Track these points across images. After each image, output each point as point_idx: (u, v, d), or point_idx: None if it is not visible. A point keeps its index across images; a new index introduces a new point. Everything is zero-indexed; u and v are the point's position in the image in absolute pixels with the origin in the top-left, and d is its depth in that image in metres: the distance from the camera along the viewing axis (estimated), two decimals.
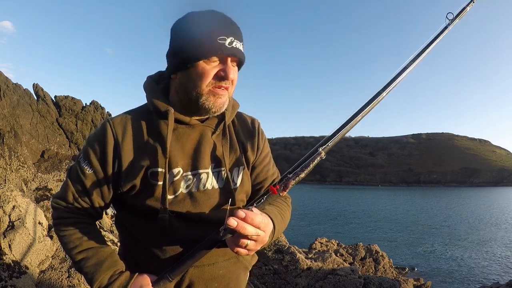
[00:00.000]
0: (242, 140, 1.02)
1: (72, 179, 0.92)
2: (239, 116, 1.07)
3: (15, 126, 15.06)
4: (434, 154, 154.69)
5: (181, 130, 0.92)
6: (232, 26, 0.86)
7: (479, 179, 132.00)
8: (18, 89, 23.60)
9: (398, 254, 12.47)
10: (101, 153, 0.89)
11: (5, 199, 3.22)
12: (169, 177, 0.88)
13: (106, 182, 0.90)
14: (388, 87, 0.95)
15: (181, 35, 0.87)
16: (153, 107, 0.92)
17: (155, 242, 0.91)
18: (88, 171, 0.90)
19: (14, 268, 2.72)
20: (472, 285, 9.05)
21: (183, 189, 0.90)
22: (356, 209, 31.69)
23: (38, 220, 3.43)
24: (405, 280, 6.51)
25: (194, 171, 0.91)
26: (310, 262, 4.77)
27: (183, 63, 0.86)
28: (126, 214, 0.96)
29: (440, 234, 17.49)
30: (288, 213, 1.01)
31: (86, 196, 0.91)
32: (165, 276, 0.83)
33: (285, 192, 0.78)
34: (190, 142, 0.93)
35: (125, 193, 0.90)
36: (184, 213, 0.89)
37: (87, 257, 0.89)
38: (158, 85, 0.97)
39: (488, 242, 15.40)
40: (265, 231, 0.77)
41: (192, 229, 0.90)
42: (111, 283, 0.85)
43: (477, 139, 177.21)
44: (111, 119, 0.93)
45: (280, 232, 0.92)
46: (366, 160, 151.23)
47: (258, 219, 0.74)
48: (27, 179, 6.76)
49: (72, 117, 25.83)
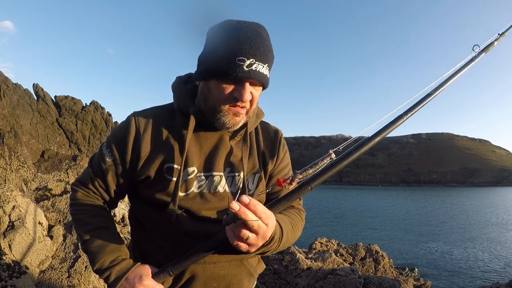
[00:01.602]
0: (262, 148, 1.02)
1: (93, 165, 0.97)
2: (263, 126, 1.07)
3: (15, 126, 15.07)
4: (434, 154, 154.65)
5: (201, 132, 0.94)
6: (257, 46, 0.81)
7: (479, 179, 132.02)
8: (18, 89, 23.59)
9: (398, 254, 12.47)
10: (122, 142, 0.92)
11: (5, 199, 3.22)
12: (183, 175, 0.90)
13: (124, 171, 0.93)
14: (409, 112, 0.92)
15: (209, 44, 0.88)
16: (177, 106, 0.95)
17: (162, 234, 0.93)
18: (108, 159, 0.93)
19: (14, 268, 2.72)
20: (472, 285, 9.05)
21: (195, 188, 0.92)
22: (356, 209, 31.68)
23: (38, 220, 3.43)
24: (405, 280, 6.51)
25: (208, 172, 0.93)
26: (310, 262, 4.77)
27: (204, 74, 0.88)
28: (139, 204, 0.98)
29: (440, 234, 17.49)
30: (300, 226, 0.99)
31: (104, 183, 0.95)
32: (166, 270, 0.83)
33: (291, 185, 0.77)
34: (208, 144, 0.94)
35: (140, 183, 0.93)
36: (193, 210, 0.91)
37: (94, 238, 0.90)
38: (186, 86, 0.99)
39: (488, 242, 15.40)
40: (267, 224, 0.73)
41: (199, 227, 0.91)
42: (112, 267, 0.86)
43: (477, 139, 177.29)
44: (137, 112, 0.97)
45: (290, 242, 0.90)
46: (366, 160, 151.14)
47: (261, 208, 0.71)
48: (27, 179, 6.76)
49: (72, 117, 25.81)
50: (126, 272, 0.85)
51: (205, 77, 0.87)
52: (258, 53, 0.81)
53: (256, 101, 0.90)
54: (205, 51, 0.89)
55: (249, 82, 0.84)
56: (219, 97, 0.86)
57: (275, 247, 0.82)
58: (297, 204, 1.06)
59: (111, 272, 0.86)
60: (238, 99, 0.84)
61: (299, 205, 1.06)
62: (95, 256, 0.88)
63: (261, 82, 0.86)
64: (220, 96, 0.85)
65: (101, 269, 0.87)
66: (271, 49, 0.86)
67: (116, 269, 0.86)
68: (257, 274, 1.05)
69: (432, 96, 0.97)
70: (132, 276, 0.84)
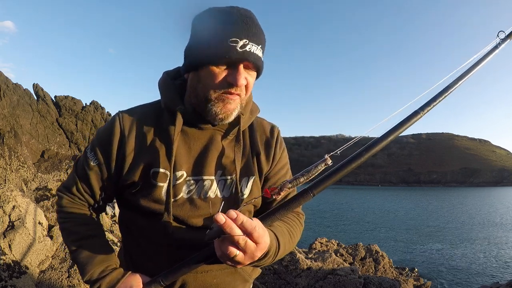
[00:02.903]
0: (257, 147, 0.94)
1: (78, 169, 0.92)
2: (258, 122, 0.99)
3: (15, 126, 15.06)
4: (434, 154, 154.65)
5: (189, 131, 0.87)
6: (249, 27, 0.76)
7: (479, 179, 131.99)
8: (18, 89, 23.59)
9: (398, 254, 12.47)
10: (107, 145, 0.87)
11: (5, 199, 3.22)
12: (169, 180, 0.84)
13: (109, 175, 0.89)
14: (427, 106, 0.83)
15: (194, 33, 0.83)
16: (164, 104, 0.89)
17: (150, 242, 0.90)
18: (92, 163, 0.88)
19: (14, 268, 2.72)
20: (472, 285, 9.04)
21: (184, 194, 0.86)
22: (356, 209, 31.67)
23: (38, 220, 3.43)
24: (405, 280, 6.51)
25: (198, 176, 0.87)
26: (310, 262, 4.77)
27: (193, 64, 0.82)
28: (127, 210, 0.94)
29: (440, 234, 17.49)
30: (298, 232, 0.93)
31: (89, 188, 0.91)
32: (158, 280, 0.80)
33: (279, 196, 0.71)
34: (198, 145, 0.88)
35: (126, 188, 0.88)
36: (182, 217, 0.86)
37: (82, 248, 0.87)
38: (175, 81, 0.92)
39: (489, 242, 15.40)
40: (258, 243, 0.65)
41: (189, 234, 0.87)
42: (101, 278, 0.84)
43: (477, 139, 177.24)
44: (122, 112, 0.91)
45: (287, 251, 0.84)
46: (366, 160, 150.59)
47: (250, 224, 0.63)
48: (27, 179, 6.76)
49: (72, 117, 25.82)
50: (116, 283, 0.83)
51: (194, 67, 0.81)
52: (251, 33, 0.76)
53: (250, 88, 0.83)
54: (192, 40, 0.83)
55: (243, 65, 0.78)
56: (210, 85, 0.79)
57: (271, 261, 0.76)
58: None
59: (101, 284, 0.83)
60: (232, 84, 0.78)
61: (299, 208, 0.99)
62: (84, 267, 0.85)
63: (256, 64, 0.79)
64: (212, 83, 0.78)
65: (91, 281, 0.84)
66: (263, 31, 0.81)
67: (106, 281, 0.83)
68: (252, 279, 1.00)
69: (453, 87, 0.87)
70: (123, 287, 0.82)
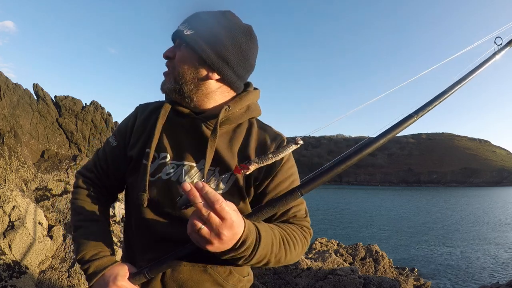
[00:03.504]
0: (247, 150, 0.91)
1: (99, 151, 1.03)
2: (262, 127, 0.97)
3: (15, 126, 15.06)
4: (434, 154, 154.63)
5: (177, 119, 0.95)
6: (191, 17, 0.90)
7: (479, 179, 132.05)
8: (18, 89, 23.58)
9: (398, 254, 12.46)
10: (123, 128, 1.00)
11: (5, 199, 3.22)
12: (156, 159, 0.91)
13: (124, 156, 0.97)
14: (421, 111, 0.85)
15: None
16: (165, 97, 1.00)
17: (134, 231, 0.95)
18: (112, 144, 1.00)
19: (14, 268, 2.72)
20: (472, 285, 9.04)
21: (162, 175, 0.90)
22: (356, 209, 31.66)
23: (38, 220, 3.43)
24: (405, 280, 6.50)
25: (180, 161, 0.91)
26: (310, 262, 4.77)
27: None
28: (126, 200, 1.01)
29: (440, 234, 17.48)
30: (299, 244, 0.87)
31: (106, 166, 0.99)
32: (143, 272, 0.83)
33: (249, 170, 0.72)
34: (182, 132, 0.94)
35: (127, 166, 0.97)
36: (156, 198, 0.89)
37: (83, 228, 0.93)
38: None
39: (488, 242, 15.40)
40: (223, 218, 0.64)
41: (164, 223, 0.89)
42: (92, 261, 0.87)
43: (477, 139, 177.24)
44: (141, 104, 1.04)
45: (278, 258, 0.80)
46: (366, 160, 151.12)
47: (214, 195, 0.64)
48: (27, 179, 6.76)
49: (72, 117, 25.81)
50: (104, 269, 0.86)
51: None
52: (188, 20, 0.90)
53: (178, 61, 0.90)
54: None
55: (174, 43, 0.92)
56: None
57: (248, 254, 0.72)
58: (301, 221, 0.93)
59: (90, 266, 0.87)
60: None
61: (305, 221, 0.93)
62: (79, 247, 0.90)
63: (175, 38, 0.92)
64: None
65: (82, 260, 0.88)
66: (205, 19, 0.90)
67: (95, 264, 0.87)
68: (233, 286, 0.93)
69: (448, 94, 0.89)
70: (109, 274, 0.85)
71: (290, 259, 0.85)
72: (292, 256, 0.85)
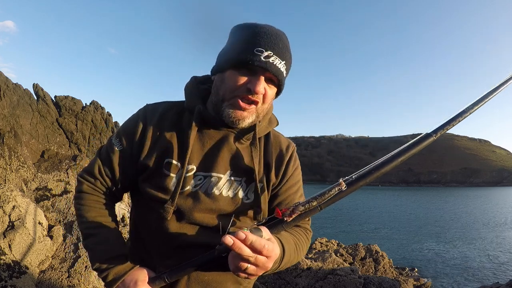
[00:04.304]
0: (268, 159, 0.96)
1: (101, 154, 0.97)
2: (276, 135, 1.02)
3: (15, 126, 15.05)
4: (434, 154, 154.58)
5: (205, 129, 0.92)
6: (276, 42, 0.82)
7: (479, 179, 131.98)
8: (18, 89, 23.54)
9: (398, 254, 12.46)
10: (131, 132, 0.93)
11: (5, 199, 3.22)
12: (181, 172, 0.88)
13: (130, 161, 0.93)
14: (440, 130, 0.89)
15: (228, 40, 0.90)
16: (186, 104, 0.95)
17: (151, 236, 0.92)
18: (116, 148, 0.94)
19: (14, 268, 2.72)
20: (472, 285, 9.04)
21: (190, 187, 0.89)
22: (356, 209, 31.66)
23: (38, 220, 3.43)
24: (405, 280, 6.50)
25: (207, 172, 0.90)
26: (310, 262, 4.77)
27: (220, 66, 0.88)
28: (137, 202, 0.98)
29: (440, 234, 17.48)
30: (304, 246, 0.95)
31: (111, 172, 0.94)
32: (163, 277, 0.83)
33: (290, 218, 0.74)
34: (211, 142, 0.92)
35: (140, 173, 0.92)
36: (184, 209, 0.88)
37: (95, 236, 0.90)
38: (202, 86, 0.99)
39: (488, 242, 15.40)
40: (268, 256, 0.69)
41: (187, 230, 0.89)
42: (110, 268, 0.86)
43: (477, 139, 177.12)
44: (149, 105, 0.99)
45: (292, 262, 0.86)
46: (366, 160, 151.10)
47: (260, 243, 0.66)
48: (27, 179, 6.75)
49: (72, 117, 25.78)
50: (123, 275, 0.85)
51: (222, 69, 0.87)
52: (276, 47, 0.82)
53: (268, 100, 0.88)
54: (226, 46, 0.90)
55: (264, 76, 0.83)
56: (231, 87, 0.84)
57: (274, 269, 0.78)
58: (305, 223, 0.99)
59: (109, 273, 0.86)
60: (250, 90, 0.82)
61: (307, 224, 1.00)
62: (94, 255, 0.88)
63: (276, 76, 0.84)
64: (233, 86, 0.84)
65: (99, 269, 0.87)
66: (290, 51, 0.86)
67: (114, 271, 0.86)
68: (248, 283, 1.00)
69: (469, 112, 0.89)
70: (129, 280, 0.84)
71: (297, 260, 0.91)
72: (299, 258, 0.91)
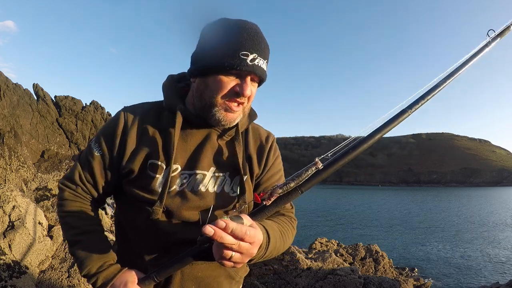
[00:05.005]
0: (250, 151, 0.99)
1: (81, 160, 0.96)
2: (255, 128, 1.05)
3: (15, 126, 15.06)
4: (434, 154, 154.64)
5: (187, 129, 0.92)
6: (259, 42, 0.83)
7: (479, 179, 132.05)
8: (18, 89, 23.58)
9: (398, 254, 12.46)
10: (110, 136, 0.92)
11: (5, 199, 3.22)
12: (166, 172, 0.89)
13: (111, 165, 0.92)
14: (416, 104, 0.88)
15: (206, 41, 0.88)
16: (165, 103, 0.95)
17: (141, 237, 0.93)
18: (96, 153, 0.93)
19: (14, 268, 2.72)
20: (472, 285, 9.04)
21: (177, 187, 0.90)
22: (356, 209, 31.66)
23: (38, 220, 3.43)
24: (405, 280, 6.50)
25: (191, 170, 0.91)
26: (310, 262, 4.77)
27: (203, 70, 0.86)
28: (122, 204, 0.98)
29: (440, 234, 17.48)
30: (290, 234, 0.95)
31: (92, 178, 0.93)
32: (151, 276, 0.84)
33: (270, 201, 0.75)
34: (194, 142, 0.93)
35: (124, 177, 0.92)
36: (172, 208, 0.89)
37: (81, 242, 0.90)
38: (179, 84, 0.99)
39: (489, 242, 15.40)
40: (252, 242, 0.69)
41: (178, 228, 0.90)
42: (98, 273, 0.87)
43: (477, 139, 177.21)
44: (127, 107, 0.97)
45: (278, 250, 0.86)
46: (366, 160, 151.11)
47: (241, 230, 0.66)
48: (27, 179, 6.76)
49: (72, 117, 25.81)
50: (113, 278, 0.86)
51: (204, 73, 0.86)
52: (259, 48, 0.83)
53: (253, 97, 0.90)
54: (203, 48, 0.88)
55: (250, 78, 0.85)
56: (217, 92, 0.85)
57: (260, 256, 0.78)
58: (289, 212, 1.01)
59: (98, 278, 0.86)
60: (239, 94, 0.84)
61: (291, 213, 1.02)
62: (82, 262, 0.88)
63: (261, 77, 0.87)
64: (219, 91, 0.84)
65: (88, 275, 0.87)
66: (268, 46, 0.88)
67: (102, 275, 0.86)
68: (240, 277, 1.02)
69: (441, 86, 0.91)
70: (118, 283, 0.85)
71: (284, 248, 0.91)
72: (286, 246, 0.91)
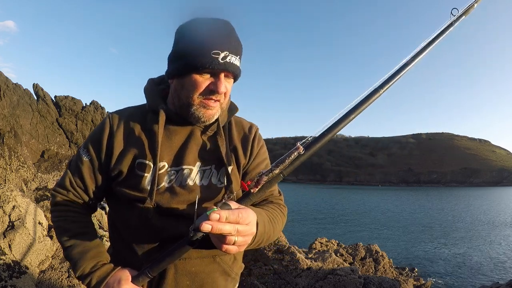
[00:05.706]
0: (235, 142, 1.01)
1: (71, 166, 0.99)
2: (237, 121, 1.07)
3: (15, 126, 15.06)
4: (434, 154, 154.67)
5: (171, 127, 0.95)
6: (229, 39, 0.86)
7: (479, 179, 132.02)
8: (18, 89, 23.60)
9: (398, 254, 12.47)
10: (97, 141, 0.95)
11: (5, 199, 3.22)
12: (154, 170, 0.91)
13: (100, 169, 0.96)
14: (386, 84, 0.91)
15: (179, 42, 0.90)
16: (148, 106, 0.98)
17: (134, 235, 0.94)
18: (85, 159, 0.96)
19: (14, 268, 2.72)
20: (472, 285, 9.05)
21: (165, 183, 0.92)
22: (356, 209, 31.67)
23: (38, 220, 3.43)
24: (405, 280, 6.50)
25: (178, 166, 0.93)
26: (310, 262, 4.77)
27: (178, 71, 0.89)
28: (114, 205, 1.00)
29: (441, 234, 17.49)
30: (280, 221, 0.96)
31: (82, 182, 0.97)
32: (145, 272, 0.85)
33: (256, 188, 0.77)
34: (178, 139, 0.96)
35: (113, 178, 0.95)
36: (162, 204, 0.91)
37: (74, 245, 0.93)
38: (159, 86, 1.03)
39: (489, 242, 15.41)
40: (247, 223, 0.71)
41: (169, 222, 0.91)
42: (92, 273, 0.88)
43: (477, 139, 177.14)
44: (112, 112, 1.01)
45: (269, 236, 0.87)
46: (366, 160, 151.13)
47: (234, 215, 0.68)
48: (27, 179, 6.76)
49: (72, 117, 25.83)
50: (106, 277, 0.87)
51: (179, 73, 0.89)
52: (230, 45, 0.85)
53: (229, 93, 0.92)
54: (177, 49, 0.90)
55: (224, 75, 0.87)
56: (193, 91, 0.87)
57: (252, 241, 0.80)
58: (277, 199, 1.03)
59: (92, 278, 0.88)
60: (214, 91, 0.87)
61: (280, 200, 1.04)
62: (76, 263, 0.90)
63: (235, 73, 0.89)
64: (195, 90, 0.87)
65: (82, 276, 0.89)
66: (240, 41, 0.90)
67: (96, 275, 0.88)
68: (236, 274, 1.03)
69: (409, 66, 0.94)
70: (112, 281, 0.86)
71: (274, 236, 0.92)
72: (276, 233, 0.92)
